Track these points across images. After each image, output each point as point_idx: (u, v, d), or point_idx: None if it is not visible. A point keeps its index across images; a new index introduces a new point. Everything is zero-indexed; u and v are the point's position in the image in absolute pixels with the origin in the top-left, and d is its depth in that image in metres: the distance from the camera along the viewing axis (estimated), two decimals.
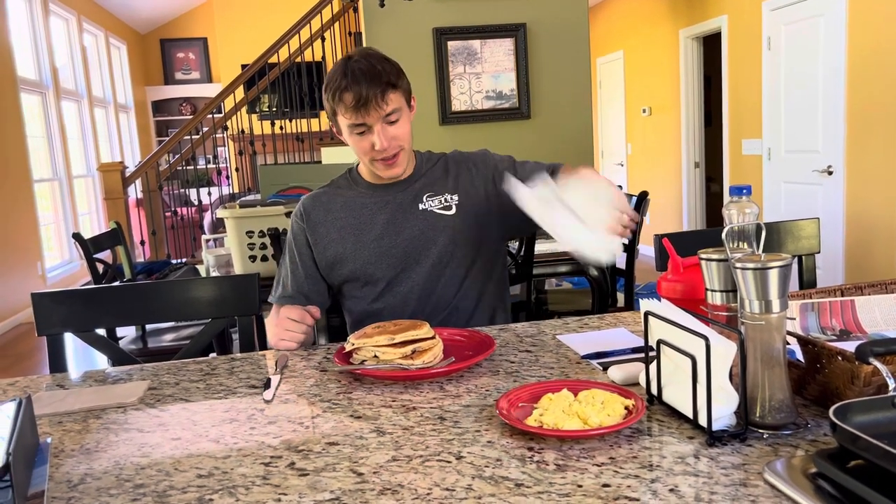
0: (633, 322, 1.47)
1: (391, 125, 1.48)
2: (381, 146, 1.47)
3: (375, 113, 1.45)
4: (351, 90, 1.43)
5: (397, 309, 1.56)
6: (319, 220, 1.61)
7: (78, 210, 7.64)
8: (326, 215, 1.61)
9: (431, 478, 0.84)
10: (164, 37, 10.90)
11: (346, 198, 1.62)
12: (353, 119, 1.46)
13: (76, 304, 1.51)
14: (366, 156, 1.52)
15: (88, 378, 1.34)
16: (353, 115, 1.45)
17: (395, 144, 1.50)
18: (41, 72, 7.11)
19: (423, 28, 4.52)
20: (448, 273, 1.57)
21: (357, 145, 1.51)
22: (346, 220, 1.59)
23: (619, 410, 0.95)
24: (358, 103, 1.43)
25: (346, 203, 1.61)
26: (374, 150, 1.48)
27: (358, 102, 1.43)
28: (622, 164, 7.88)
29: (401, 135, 1.50)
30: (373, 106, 1.43)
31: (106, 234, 3.26)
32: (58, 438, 1.03)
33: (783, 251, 1.83)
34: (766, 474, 0.79)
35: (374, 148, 1.48)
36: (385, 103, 1.45)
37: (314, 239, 1.60)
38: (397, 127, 1.49)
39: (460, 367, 1.19)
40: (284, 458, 0.91)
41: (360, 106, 1.43)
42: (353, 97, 1.43)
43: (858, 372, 0.87)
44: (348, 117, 1.46)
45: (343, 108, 1.46)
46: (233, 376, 1.28)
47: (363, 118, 1.45)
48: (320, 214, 1.61)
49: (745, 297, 0.90)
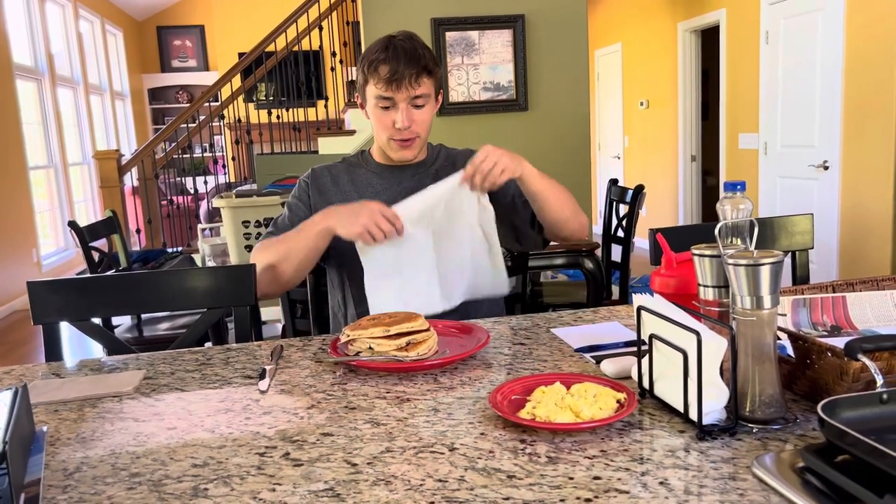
0: (626, 316, 1.48)
1: (416, 109, 1.54)
2: (403, 125, 1.53)
3: (405, 91, 1.50)
4: (388, 63, 1.49)
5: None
6: (325, 187, 1.66)
7: (74, 198, 7.63)
8: (333, 185, 1.66)
9: (424, 469, 0.84)
10: (161, 24, 10.84)
11: (353, 174, 1.67)
12: (383, 91, 1.51)
13: (72, 293, 1.51)
14: (385, 132, 1.56)
15: (84, 367, 1.34)
16: (384, 87, 1.50)
17: (414, 128, 1.55)
18: (37, 58, 7.08)
19: (421, 18, 4.50)
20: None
21: (379, 120, 1.56)
22: (349, 193, 1.63)
23: (610, 404, 0.96)
24: (392, 77, 1.49)
25: (352, 179, 1.66)
26: (394, 127, 1.54)
27: (392, 76, 1.49)
28: (619, 157, 7.88)
29: (422, 121, 1.56)
30: (405, 84, 1.49)
31: (102, 222, 3.26)
32: (54, 427, 1.04)
33: (777, 247, 1.85)
34: (754, 468, 0.80)
35: (395, 126, 1.53)
36: (417, 84, 1.51)
37: (314, 201, 1.64)
38: (422, 112, 1.55)
39: (454, 360, 1.19)
40: (279, 449, 0.92)
41: (392, 80, 1.49)
42: (388, 70, 1.49)
43: (847, 368, 0.88)
44: (379, 88, 1.51)
45: (376, 79, 1.51)
46: (228, 366, 1.29)
47: (393, 93, 1.51)
48: (327, 182, 1.67)
49: (736, 293, 0.91)
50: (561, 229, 1.61)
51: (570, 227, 1.60)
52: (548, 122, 4.71)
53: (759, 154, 5.23)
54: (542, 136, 4.69)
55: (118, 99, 9.78)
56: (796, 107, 4.76)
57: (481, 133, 4.64)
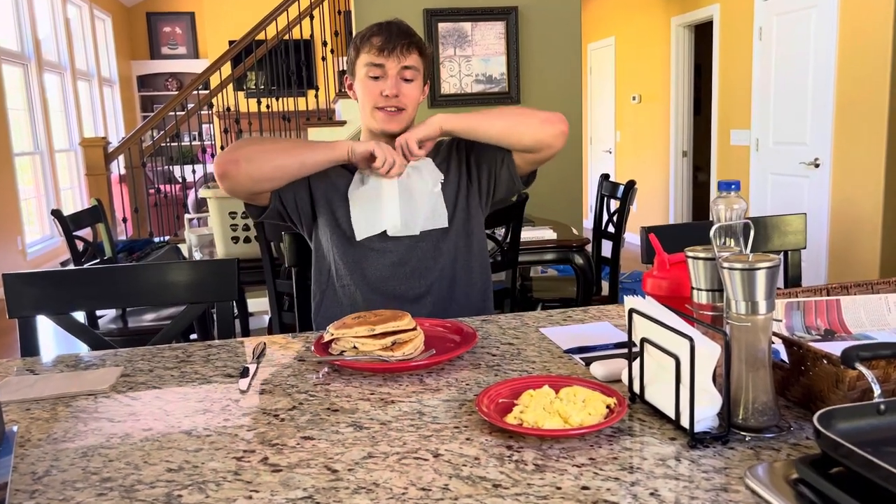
0: (617, 316, 1.46)
1: (405, 82, 1.57)
2: (391, 92, 1.55)
3: (396, 60, 1.54)
4: (381, 34, 1.55)
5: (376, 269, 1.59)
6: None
7: (60, 185, 7.53)
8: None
9: (408, 476, 0.82)
10: (151, 10, 10.71)
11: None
12: (375, 58, 1.55)
13: (48, 286, 1.47)
14: (372, 101, 1.58)
15: (60, 363, 1.30)
16: (376, 55, 1.54)
17: (402, 99, 1.57)
18: (23, 43, 6.97)
19: (413, 8, 4.45)
20: (424, 245, 1.59)
21: (367, 90, 1.58)
22: (342, 174, 1.62)
23: (600, 409, 0.93)
24: (384, 44, 1.54)
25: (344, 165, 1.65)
26: (381, 95, 1.55)
27: (384, 44, 1.54)
28: (610, 152, 7.86)
29: (410, 94, 1.58)
30: (396, 53, 1.54)
31: (86, 210, 3.21)
32: (24, 427, 1.00)
33: (769, 246, 1.83)
34: (747, 479, 0.77)
35: (383, 94, 1.55)
36: (408, 54, 1.55)
37: (311, 178, 1.62)
38: (410, 87, 1.58)
39: (441, 360, 1.17)
40: (257, 453, 0.89)
41: (384, 48, 1.54)
42: (381, 39, 1.54)
43: (843, 376, 0.86)
44: (371, 56, 1.55)
45: (368, 47, 1.56)
46: (208, 364, 1.25)
47: (384, 59, 1.54)
48: None
49: (731, 298, 0.88)
50: (531, 152, 1.59)
51: (539, 145, 1.58)
52: None
53: (750, 151, 5.22)
54: None
55: (106, 85, 9.66)
56: (788, 104, 4.75)
57: None
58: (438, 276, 1.59)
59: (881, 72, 3.97)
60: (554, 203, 4.48)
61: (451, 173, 1.64)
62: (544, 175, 4.61)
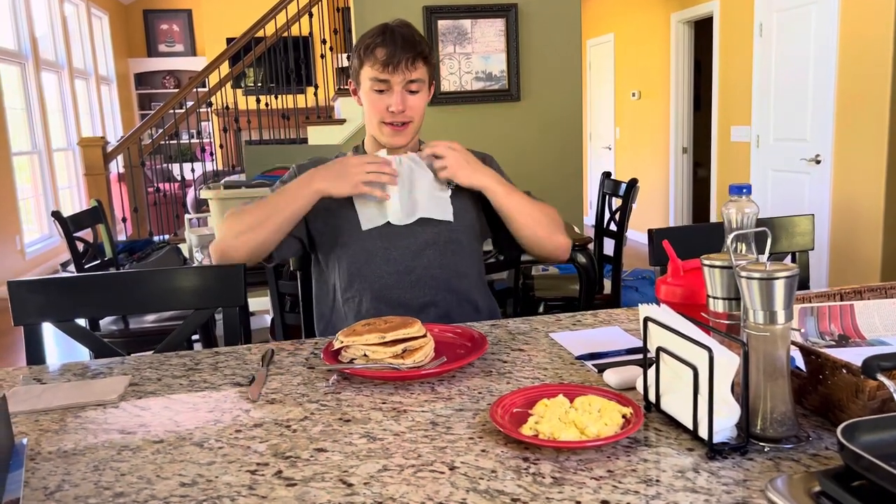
0: (626, 320, 1.45)
1: (411, 94, 1.54)
2: (397, 108, 1.52)
3: (401, 75, 1.51)
4: (385, 46, 1.50)
5: (377, 276, 1.56)
6: None
7: (58, 184, 7.51)
8: None
9: (424, 490, 0.81)
10: (148, 8, 10.67)
11: None
12: (379, 74, 1.51)
13: (54, 293, 1.46)
14: (378, 116, 1.55)
15: (67, 371, 1.29)
16: (380, 69, 1.51)
17: (408, 112, 1.54)
18: (20, 42, 6.94)
19: (413, 5, 4.43)
20: (430, 253, 1.56)
21: (373, 104, 1.55)
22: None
23: (616, 419, 0.92)
24: (388, 59, 1.49)
25: None
26: (388, 111, 1.53)
27: (389, 59, 1.49)
28: (610, 148, 7.85)
29: (416, 106, 1.56)
30: (401, 67, 1.50)
31: (86, 211, 3.19)
32: (34, 439, 0.99)
33: (777, 248, 1.82)
34: (768, 492, 0.76)
35: (389, 109, 1.52)
36: (413, 69, 1.52)
37: None
38: (416, 98, 1.55)
39: (452, 368, 1.16)
40: (271, 466, 0.88)
41: (388, 62, 1.50)
42: (385, 53, 1.50)
43: (863, 386, 0.85)
44: (375, 70, 1.51)
45: (372, 61, 1.51)
46: (217, 372, 1.24)
47: (389, 75, 1.51)
48: None
49: (749, 307, 0.87)
50: (532, 248, 1.61)
51: (543, 248, 1.60)
52: (540, 113, 4.66)
53: (751, 147, 5.21)
54: (535, 126, 4.65)
55: (104, 83, 9.63)
56: (789, 100, 4.74)
57: (473, 123, 4.58)
58: (444, 284, 1.57)
59: (882, 67, 3.96)
60: (554, 201, 4.41)
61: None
62: (545, 174, 4.61)
